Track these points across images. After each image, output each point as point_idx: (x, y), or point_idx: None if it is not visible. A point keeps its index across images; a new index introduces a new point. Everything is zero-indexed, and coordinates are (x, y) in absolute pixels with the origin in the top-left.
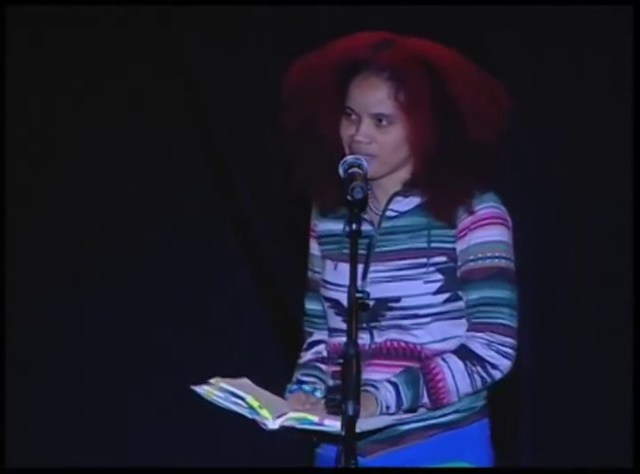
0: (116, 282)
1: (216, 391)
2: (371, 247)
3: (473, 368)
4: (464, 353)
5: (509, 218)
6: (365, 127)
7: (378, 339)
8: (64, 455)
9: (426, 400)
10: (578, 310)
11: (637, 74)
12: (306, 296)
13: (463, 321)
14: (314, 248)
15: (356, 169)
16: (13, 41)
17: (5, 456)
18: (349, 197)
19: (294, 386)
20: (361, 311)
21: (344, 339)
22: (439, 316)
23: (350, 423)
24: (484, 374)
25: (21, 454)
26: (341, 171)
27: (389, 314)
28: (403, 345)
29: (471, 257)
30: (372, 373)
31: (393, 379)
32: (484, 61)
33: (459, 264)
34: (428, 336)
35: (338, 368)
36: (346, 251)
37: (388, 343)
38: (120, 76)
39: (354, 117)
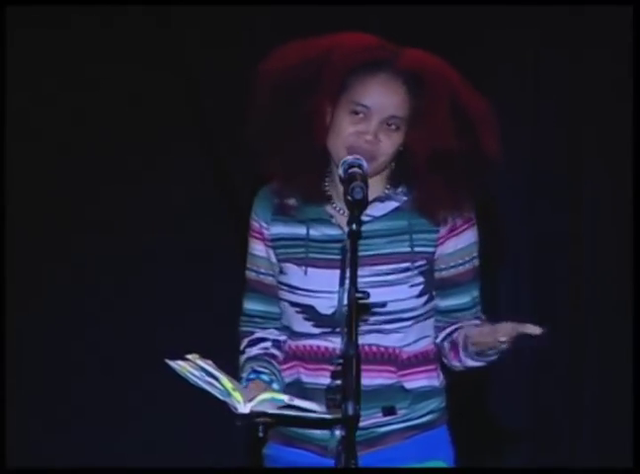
0: (116, 282)
1: (192, 368)
2: (345, 251)
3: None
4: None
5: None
6: (375, 128)
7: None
8: (64, 455)
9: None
10: (578, 310)
11: (637, 74)
12: (246, 296)
13: (432, 321)
14: (259, 249)
15: (356, 169)
16: (13, 41)
17: (5, 456)
18: (349, 198)
19: (252, 375)
20: (362, 312)
21: (315, 342)
22: (419, 318)
23: (350, 423)
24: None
25: (21, 454)
26: (341, 171)
27: (372, 319)
28: (382, 349)
29: (459, 260)
30: None
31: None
32: (484, 61)
33: (442, 266)
34: (405, 338)
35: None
36: (315, 255)
37: (366, 347)
38: (120, 76)
39: (362, 115)
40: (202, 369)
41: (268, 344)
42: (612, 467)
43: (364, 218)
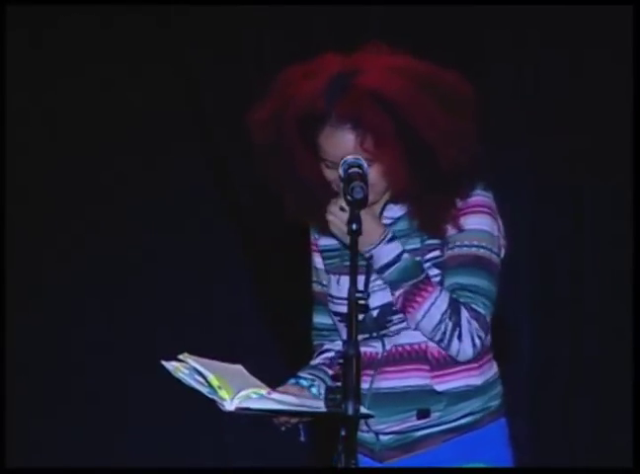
0: (116, 282)
1: (183, 368)
2: (371, 258)
3: (447, 320)
4: (454, 306)
5: (494, 206)
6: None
7: (388, 346)
8: (64, 455)
9: (400, 292)
10: (578, 309)
11: (637, 74)
12: (314, 310)
13: None
14: (318, 262)
15: (356, 169)
16: (13, 41)
17: (5, 456)
18: (349, 197)
19: (292, 379)
20: (361, 313)
21: (361, 349)
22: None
23: (350, 423)
24: (447, 335)
25: (21, 454)
26: (341, 171)
27: (396, 318)
28: (408, 348)
29: (456, 243)
30: (384, 381)
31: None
32: (484, 61)
33: (447, 247)
34: (419, 336)
35: (371, 373)
36: (347, 263)
37: (399, 348)
38: (121, 76)
39: (331, 165)
40: (192, 368)
41: (331, 354)
42: (612, 467)
43: (385, 221)
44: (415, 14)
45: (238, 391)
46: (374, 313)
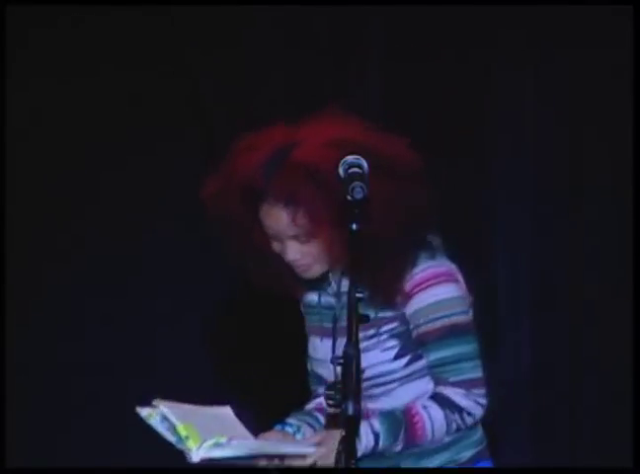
0: (116, 283)
1: (155, 415)
2: (336, 321)
3: (452, 417)
4: (444, 401)
5: (452, 269)
6: (290, 249)
7: (365, 409)
8: (64, 455)
9: (400, 446)
10: (578, 309)
11: (637, 74)
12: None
13: (428, 378)
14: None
15: (356, 169)
16: (13, 41)
17: (5, 456)
18: (349, 197)
19: (279, 425)
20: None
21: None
22: (403, 380)
23: (350, 423)
24: (460, 422)
25: (21, 454)
26: (341, 171)
27: (364, 385)
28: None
29: (421, 320)
30: None
31: (376, 429)
32: (484, 62)
33: (411, 327)
34: (398, 400)
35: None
36: (318, 324)
37: (370, 413)
38: (121, 76)
39: (276, 240)
40: (163, 416)
41: (322, 399)
42: (612, 467)
43: (345, 289)
44: (414, 14)
45: (204, 440)
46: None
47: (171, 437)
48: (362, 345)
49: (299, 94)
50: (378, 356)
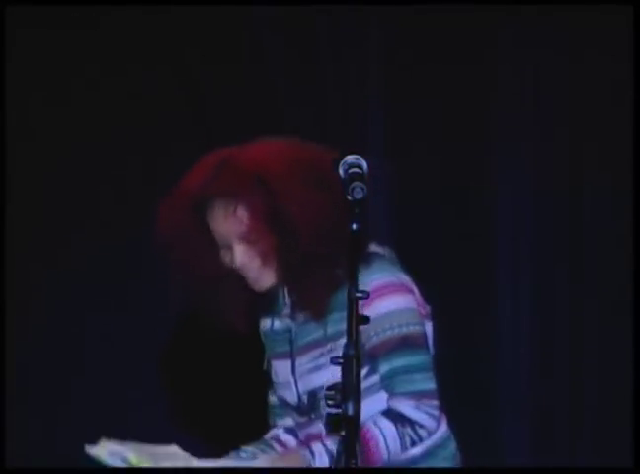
0: (116, 283)
1: (105, 451)
2: (293, 341)
3: (404, 430)
4: (394, 415)
5: (400, 280)
6: (238, 251)
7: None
8: (64, 455)
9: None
10: (577, 309)
11: (637, 74)
12: (269, 389)
13: (383, 393)
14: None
15: (356, 169)
16: (13, 41)
17: (5, 456)
18: (349, 197)
19: (233, 452)
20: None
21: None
22: (364, 393)
23: (350, 423)
24: (413, 435)
25: (21, 454)
26: (341, 171)
27: (323, 403)
28: None
29: (372, 332)
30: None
31: (330, 448)
32: (483, 62)
33: (364, 341)
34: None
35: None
36: (275, 349)
37: (323, 434)
38: (120, 76)
39: (225, 246)
40: (112, 451)
41: (280, 431)
42: (612, 467)
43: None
44: (414, 15)
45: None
46: (305, 398)
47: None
48: (323, 361)
49: (300, 93)
50: (337, 371)
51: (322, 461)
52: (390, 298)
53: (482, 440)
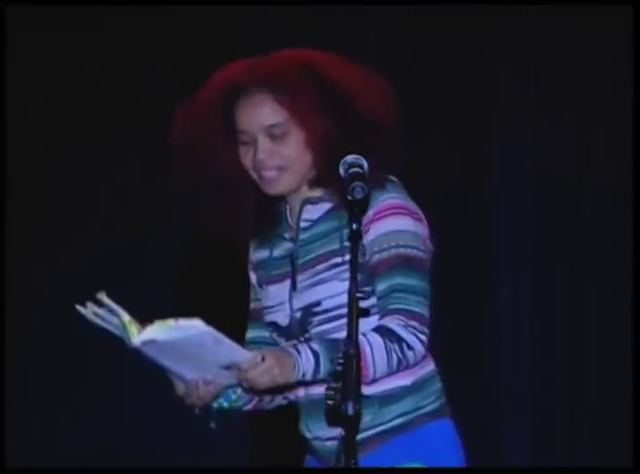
0: (116, 283)
1: (96, 307)
2: (294, 261)
3: (391, 346)
4: (383, 330)
5: (412, 207)
6: (262, 144)
7: None
8: (64, 455)
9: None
10: (578, 309)
11: (637, 74)
12: (249, 326)
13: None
14: (251, 277)
15: (356, 169)
16: (13, 41)
17: (5, 456)
18: (349, 197)
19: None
20: (362, 316)
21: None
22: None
23: (350, 423)
24: (400, 354)
25: (21, 454)
26: (341, 171)
27: (315, 320)
28: None
29: (376, 248)
30: (316, 387)
31: (315, 347)
32: (483, 62)
33: (367, 257)
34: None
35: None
36: (273, 272)
37: None
38: (120, 76)
39: (248, 139)
40: (105, 306)
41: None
42: (612, 467)
43: (304, 224)
44: (413, 15)
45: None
46: (298, 315)
47: (109, 326)
48: (325, 275)
49: None
50: (338, 287)
51: (307, 358)
52: (400, 219)
53: (482, 440)
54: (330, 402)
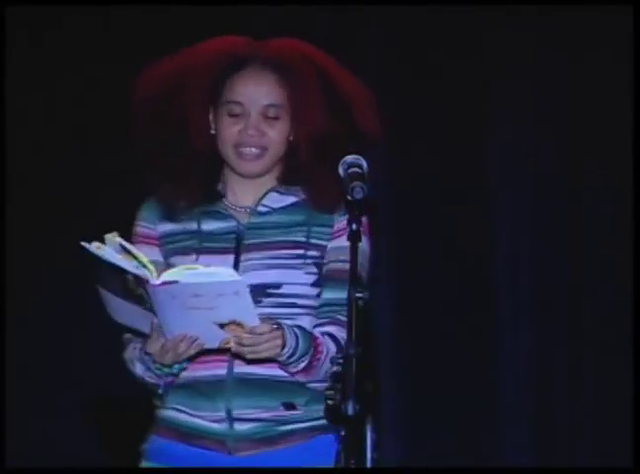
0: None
1: (107, 246)
2: (240, 240)
3: (335, 357)
4: (333, 338)
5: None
6: (255, 121)
7: None
8: (64, 455)
9: (305, 362)
10: (577, 309)
11: (637, 74)
12: None
13: (313, 318)
14: (148, 253)
15: (356, 169)
16: (13, 41)
17: (5, 456)
18: (349, 197)
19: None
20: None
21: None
22: (310, 310)
23: (350, 423)
24: (336, 358)
25: (21, 454)
26: (341, 171)
27: (266, 301)
28: None
29: (332, 258)
30: (247, 367)
31: (296, 331)
32: (483, 62)
33: (325, 261)
34: None
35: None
36: (208, 244)
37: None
38: (120, 76)
39: (239, 112)
40: (119, 244)
41: None
42: (612, 467)
43: (261, 209)
44: (413, 15)
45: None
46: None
47: (126, 264)
48: (288, 262)
49: None
50: (302, 277)
51: (292, 338)
52: (367, 236)
53: (482, 440)
54: (330, 402)
